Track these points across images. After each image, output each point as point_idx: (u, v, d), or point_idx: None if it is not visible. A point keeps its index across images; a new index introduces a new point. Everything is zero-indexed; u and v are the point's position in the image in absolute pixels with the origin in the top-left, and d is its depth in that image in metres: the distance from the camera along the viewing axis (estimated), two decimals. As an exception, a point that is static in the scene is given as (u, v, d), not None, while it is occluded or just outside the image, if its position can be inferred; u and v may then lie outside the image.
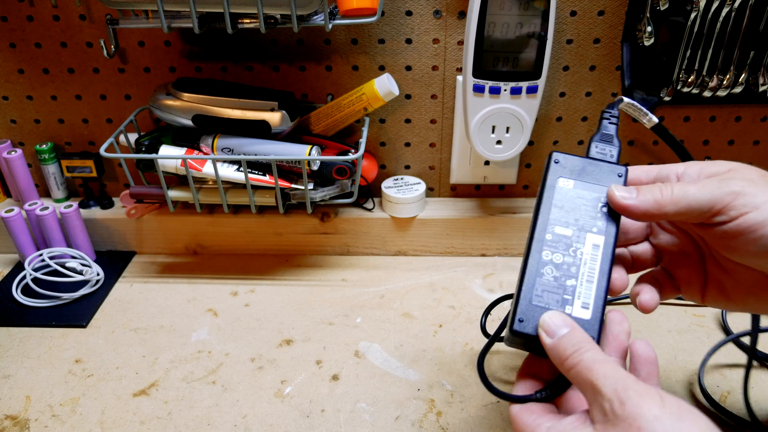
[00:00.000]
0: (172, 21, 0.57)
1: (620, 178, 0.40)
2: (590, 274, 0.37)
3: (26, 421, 0.53)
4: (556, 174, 0.40)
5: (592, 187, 0.40)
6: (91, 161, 0.72)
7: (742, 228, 0.34)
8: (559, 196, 0.39)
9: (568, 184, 0.40)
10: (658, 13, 0.61)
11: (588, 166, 0.40)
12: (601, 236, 0.38)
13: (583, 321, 0.36)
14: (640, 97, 0.66)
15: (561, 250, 0.38)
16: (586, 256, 0.38)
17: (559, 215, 0.39)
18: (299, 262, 0.74)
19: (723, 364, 0.56)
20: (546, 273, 0.38)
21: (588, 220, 0.39)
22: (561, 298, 0.37)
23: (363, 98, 0.64)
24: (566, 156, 0.41)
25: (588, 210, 0.39)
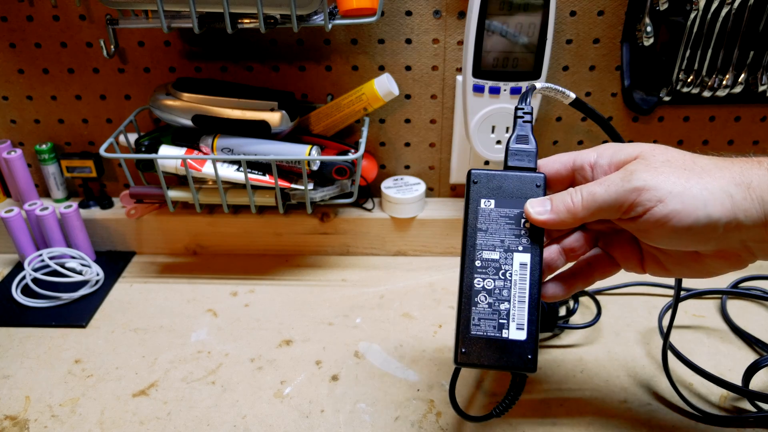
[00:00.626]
0: (172, 21, 0.57)
1: (538, 188, 0.40)
2: (522, 295, 0.39)
3: (26, 421, 0.53)
4: (476, 195, 0.40)
5: (513, 202, 0.40)
6: (90, 161, 0.72)
7: (651, 221, 0.35)
8: (482, 218, 0.40)
9: (490, 205, 0.40)
10: (657, 13, 0.61)
11: (506, 181, 0.40)
12: (527, 254, 0.39)
13: (520, 342, 0.38)
14: (639, 97, 0.66)
15: (491, 275, 0.39)
16: (516, 277, 0.39)
17: (484, 239, 0.39)
18: (299, 263, 0.74)
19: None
20: (480, 301, 0.39)
21: (513, 240, 0.39)
22: (497, 323, 0.38)
23: (363, 98, 0.64)
24: (484, 173, 0.40)
25: (512, 229, 0.39)
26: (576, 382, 0.55)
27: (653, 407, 0.52)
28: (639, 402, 0.53)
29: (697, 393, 0.53)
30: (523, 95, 0.42)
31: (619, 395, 0.53)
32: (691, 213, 0.34)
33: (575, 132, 0.71)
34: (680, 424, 0.51)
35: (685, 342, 0.59)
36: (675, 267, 0.40)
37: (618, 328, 0.61)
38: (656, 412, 0.52)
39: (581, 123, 0.70)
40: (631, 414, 0.52)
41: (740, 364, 0.56)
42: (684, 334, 0.60)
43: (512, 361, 0.38)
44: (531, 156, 0.41)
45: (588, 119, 0.70)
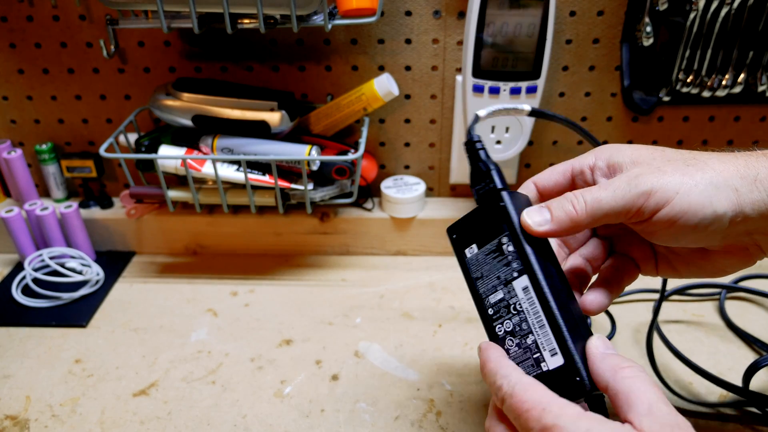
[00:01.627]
0: (172, 21, 0.57)
1: (502, 206, 0.38)
2: (539, 319, 0.36)
3: (26, 421, 0.53)
4: (460, 248, 0.40)
5: (489, 235, 0.38)
6: (90, 161, 0.72)
7: (659, 223, 0.34)
8: (473, 267, 0.39)
9: (473, 251, 0.39)
10: (657, 13, 0.61)
11: (476, 218, 0.39)
12: (524, 275, 0.36)
13: (561, 368, 0.35)
14: (639, 97, 0.67)
15: (506, 315, 0.37)
16: (525, 305, 0.36)
17: (484, 286, 0.38)
18: (299, 262, 0.74)
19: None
20: (510, 347, 0.37)
21: (506, 270, 0.37)
22: (532, 360, 0.36)
23: (362, 98, 0.64)
24: (458, 224, 0.40)
25: (500, 260, 0.37)
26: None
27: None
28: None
29: (696, 392, 0.54)
30: (469, 131, 0.41)
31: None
32: (698, 211, 0.33)
33: (575, 132, 0.71)
34: (680, 423, 0.51)
35: (684, 341, 0.59)
36: (684, 267, 0.40)
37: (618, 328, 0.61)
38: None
39: (581, 123, 0.70)
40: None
41: (740, 364, 0.56)
42: (683, 334, 0.60)
43: (565, 390, 0.34)
44: (494, 176, 0.39)
45: (588, 118, 0.70)
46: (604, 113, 0.69)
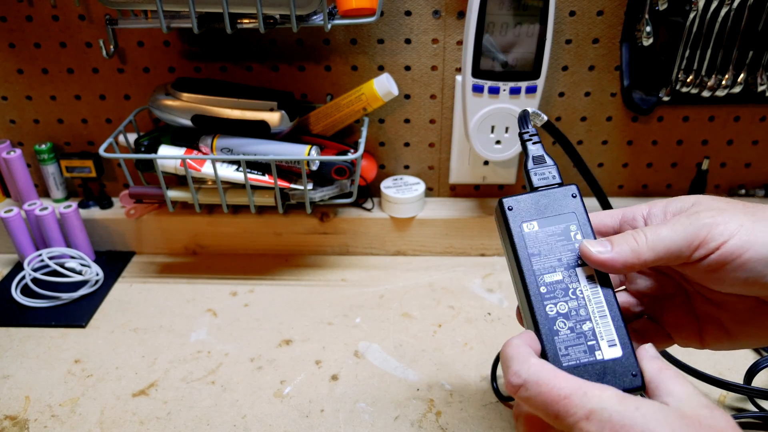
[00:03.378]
0: (172, 21, 0.57)
1: (575, 198, 0.39)
2: (600, 309, 0.36)
3: (26, 421, 0.53)
4: (516, 221, 0.38)
5: (556, 219, 0.38)
6: (90, 161, 0.72)
7: (724, 257, 0.33)
8: (530, 243, 0.38)
9: (533, 227, 0.38)
10: (656, 13, 0.61)
11: (541, 199, 0.39)
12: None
13: (618, 359, 0.35)
14: (639, 97, 0.67)
15: (561, 297, 0.37)
16: (588, 293, 0.36)
17: (541, 263, 0.37)
18: (298, 262, 0.74)
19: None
20: (560, 328, 0.36)
21: (570, 256, 0.37)
22: (586, 347, 0.35)
23: (362, 98, 0.64)
24: (516, 199, 0.39)
25: (565, 245, 0.37)
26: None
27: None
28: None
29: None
30: (522, 120, 0.42)
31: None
32: (766, 244, 0.32)
33: (574, 132, 0.71)
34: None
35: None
36: (741, 329, 0.37)
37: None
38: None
39: (580, 123, 0.70)
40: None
41: (739, 364, 0.56)
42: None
43: (618, 382, 0.34)
44: (554, 172, 0.40)
45: (588, 118, 0.70)
46: (604, 113, 0.69)
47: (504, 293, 0.67)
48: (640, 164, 0.73)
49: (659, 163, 0.73)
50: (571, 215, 0.38)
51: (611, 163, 0.73)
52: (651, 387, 0.33)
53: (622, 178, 0.74)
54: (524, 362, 0.33)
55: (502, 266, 0.72)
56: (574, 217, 0.38)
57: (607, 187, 0.75)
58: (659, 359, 0.34)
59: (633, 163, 0.73)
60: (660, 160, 0.72)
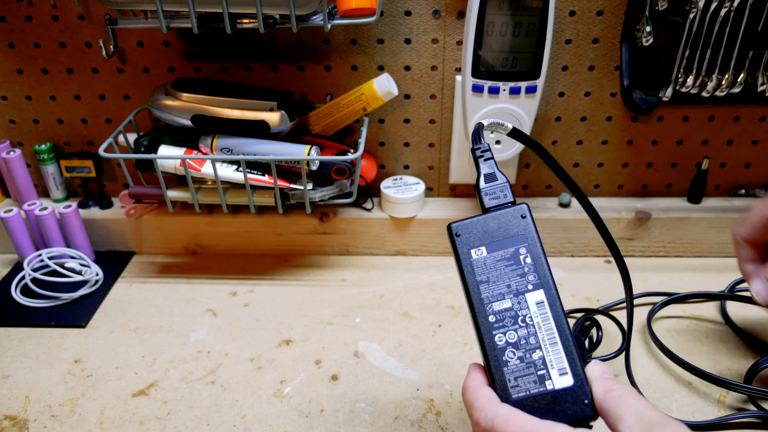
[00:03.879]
0: (171, 21, 0.57)
1: (524, 219, 0.38)
2: (551, 336, 0.35)
3: (25, 421, 0.53)
4: (464, 247, 0.38)
5: (505, 242, 0.37)
6: (90, 161, 0.72)
7: None
8: (479, 270, 0.37)
9: (482, 253, 0.38)
10: (656, 13, 0.61)
11: (490, 222, 0.38)
12: (540, 290, 0.36)
13: (569, 388, 0.34)
14: (639, 96, 0.66)
15: (511, 326, 0.36)
16: (538, 319, 0.36)
17: (489, 291, 0.37)
18: (298, 262, 0.74)
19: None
20: (510, 358, 0.35)
21: (519, 281, 0.36)
22: (536, 377, 0.35)
23: (362, 98, 0.64)
24: (465, 223, 0.38)
25: (515, 269, 0.37)
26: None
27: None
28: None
29: (695, 392, 0.53)
30: (475, 135, 0.40)
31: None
32: None
33: (574, 132, 0.71)
34: (679, 423, 0.51)
35: (684, 341, 0.59)
36: None
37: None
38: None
39: (580, 122, 0.70)
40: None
41: (739, 364, 0.56)
42: (683, 334, 0.60)
43: (569, 411, 0.34)
44: (505, 190, 0.39)
45: (588, 118, 0.70)
46: (604, 113, 0.69)
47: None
48: (640, 164, 0.73)
49: (659, 163, 0.73)
50: (520, 237, 0.37)
51: (611, 163, 0.73)
52: (602, 413, 0.33)
53: (622, 178, 0.74)
54: (482, 409, 0.33)
55: (502, 266, 0.72)
56: (524, 239, 0.37)
57: (607, 187, 0.75)
58: (605, 379, 0.34)
59: (633, 163, 0.73)
60: (660, 160, 0.72)
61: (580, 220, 0.71)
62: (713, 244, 0.72)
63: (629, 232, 0.72)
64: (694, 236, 0.72)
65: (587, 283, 0.68)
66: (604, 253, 0.73)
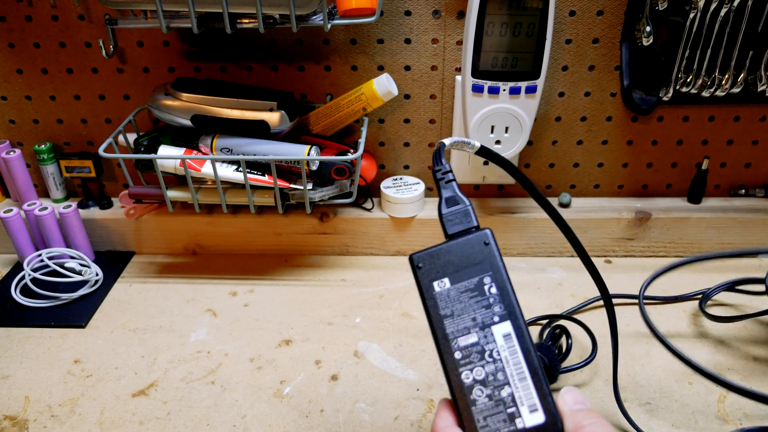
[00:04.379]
0: (171, 21, 0.57)
1: (488, 245, 0.36)
2: (519, 371, 0.33)
3: (25, 421, 0.53)
4: (426, 280, 0.36)
5: (469, 272, 0.36)
6: (89, 161, 0.72)
7: None
8: (442, 303, 0.36)
9: (445, 285, 0.36)
10: (656, 13, 0.61)
11: (453, 250, 0.36)
12: (506, 321, 0.34)
13: (540, 426, 0.32)
14: (639, 96, 0.66)
15: (477, 362, 0.34)
16: (505, 353, 0.34)
17: (454, 326, 0.35)
18: (298, 262, 0.74)
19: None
20: (477, 397, 0.34)
21: (485, 313, 0.35)
22: (506, 415, 0.33)
23: (362, 98, 0.64)
24: (427, 253, 0.37)
25: (479, 301, 0.35)
26: (575, 381, 0.55)
27: (652, 406, 0.52)
28: (638, 401, 0.53)
29: (695, 392, 0.53)
30: (436, 155, 0.39)
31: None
32: None
33: (574, 132, 0.71)
34: (679, 423, 0.51)
35: (683, 340, 0.59)
36: None
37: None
38: (655, 411, 0.52)
39: (580, 122, 0.70)
40: (630, 414, 0.52)
41: (740, 365, 0.56)
42: (684, 334, 0.60)
43: None
44: (467, 215, 0.37)
45: (588, 118, 0.70)
46: (604, 113, 0.69)
47: (504, 293, 0.67)
48: (640, 164, 0.73)
49: (659, 163, 0.73)
50: (484, 265, 0.36)
51: (611, 163, 0.73)
52: None
53: (622, 178, 0.74)
54: None
55: (501, 266, 0.72)
56: (488, 267, 0.35)
57: (607, 187, 0.75)
58: (576, 413, 0.33)
59: (633, 163, 0.73)
60: (660, 160, 0.72)
61: (580, 220, 0.71)
62: (713, 244, 0.72)
63: (629, 232, 0.72)
64: (694, 236, 0.72)
65: (587, 283, 0.68)
66: (603, 253, 0.73)
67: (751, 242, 0.72)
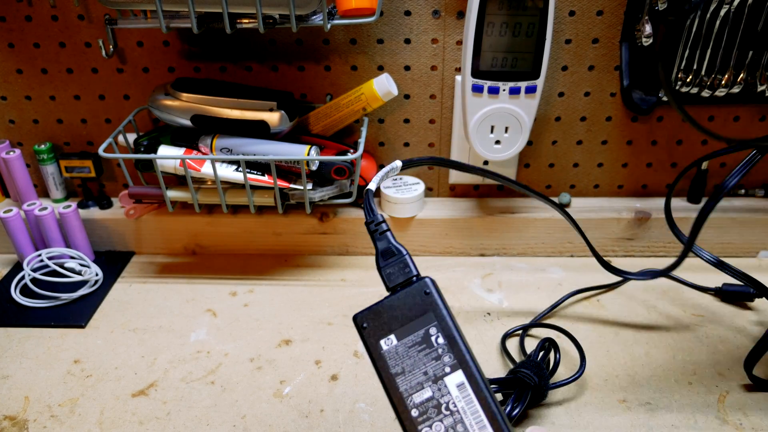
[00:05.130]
0: (171, 21, 0.57)
1: (428, 295, 0.36)
2: (478, 419, 0.33)
3: (25, 421, 0.53)
4: (373, 339, 0.36)
5: (414, 325, 0.35)
6: (89, 161, 0.72)
7: None
8: (391, 361, 0.35)
9: (392, 342, 0.36)
10: (656, 12, 0.61)
11: (395, 304, 0.36)
12: (458, 370, 0.34)
13: None
14: (638, 96, 0.67)
15: (435, 417, 0.34)
16: (461, 404, 0.34)
17: (407, 383, 0.34)
18: (298, 262, 0.74)
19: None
20: None
21: (435, 365, 0.34)
22: None
23: (362, 98, 0.64)
24: (369, 312, 0.36)
25: (428, 353, 0.35)
26: (574, 381, 0.55)
27: (652, 406, 0.52)
28: (638, 401, 0.53)
29: (695, 392, 0.53)
30: (367, 206, 0.39)
31: (618, 394, 0.54)
32: None
33: (574, 132, 0.71)
34: (679, 423, 0.51)
35: (683, 340, 0.59)
36: None
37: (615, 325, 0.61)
38: (655, 411, 0.52)
39: (580, 123, 0.70)
40: (630, 413, 0.52)
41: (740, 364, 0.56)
42: (685, 333, 0.60)
43: None
44: (406, 265, 0.37)
45: (588, 118, 0.70)
46: (604, 113, 0.69)
47: (504, 293, 0.67)
48: (639, 164, 0.73)
49: (659, 163, 0.73)
50: (428, 316, 0.35)
51: (611, 163, 0.73)
52: None
53: (622, 178, 0.74)
54: None
55: (501, 266, 0.72)
56: (432, 317, 0.35)
57: (607, 187, 0.75)
58: None
59: (633, 163, 0.73)
60: (660, 160, 0.72)
61: (580, 220, 0.71)
62: (713, 244, 0.72)
63: (629, 232, 0.72)
64: (693, 236, 0.72)
65: (587, 283, 0.68)
66: (603, 253, 0.73)
67: (751, 242, 0.72)
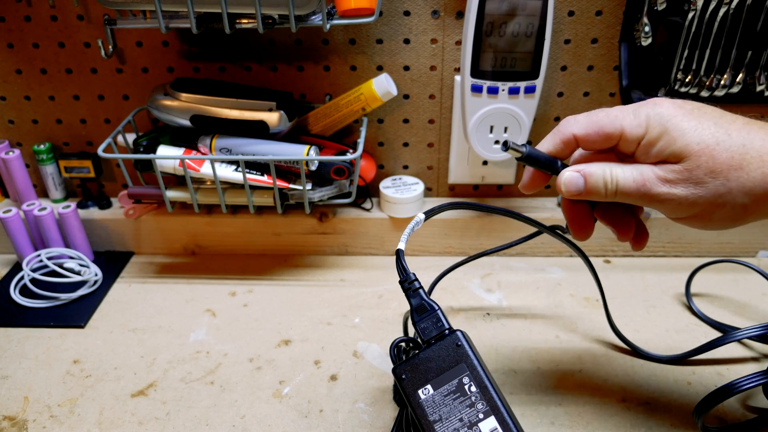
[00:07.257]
0: (170, 21, 0.57)
1: (459, 347, 0.39)
2: None
3: (24, 421, 0.53)
4: (412, 390, 0.38)
5: (448, 375, 0.38)
6: (89, 161, 0.72)
7: None
8: (429, 409, 0.38)
9: (429, 391, 0.38)
10: (655, 13, 0.61)
11: (430, 356, 0.39)
12: (491, 416, 0.37)
13: None
14: (637, 97, 0.66)
15: None
16: None
17: (444, 428, 0.37)
18: (297, 263, 0.74)
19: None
20: None
21: (470, 412, 0.37)
22: None
23: (361, 98, 0.64)
24: (408, 365, 0.39)
25: (462, 401, 0.37)
26: (574, 381, 0.55)
27: (652, 406, 0.52)
28: (638, 401, 0.53)
29: (696, 391, 0.54)
30: (399, 266, 0.41)
31: (618, 394, 0.54)
32: None
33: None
34: (679, 423, 0.51)
35: (682, 340, 0.59)
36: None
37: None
38: (655, 411, 0.52)
39: (579, 123, 0.70)
40: (629, 413, 0.52)
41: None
42: (683, 333, 0.61)
43: None
44: (439, 320, 0.40)
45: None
46: (603, 113, 0.69)
47: (503, 293, 0.67)
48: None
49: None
50: (461, 366, 0.38)
51: (610, 163, 0.73)
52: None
53: (621, 178, 0.74)
54: None
55: (501, 266, 0.72)
56: (464, 368, 0.38)
57: (606, 187, 0.74)
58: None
59: (632, 163, 0.73)
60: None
61: (579, 220, 0.71)
62: (712, 244, 0.72)
63: (628, 232, 0.72)
64: (693, 236, 0.72)
65: (586, 283, 0.68)
66: (603, 253, 0.73)
67: (751, 242, 0.72)
